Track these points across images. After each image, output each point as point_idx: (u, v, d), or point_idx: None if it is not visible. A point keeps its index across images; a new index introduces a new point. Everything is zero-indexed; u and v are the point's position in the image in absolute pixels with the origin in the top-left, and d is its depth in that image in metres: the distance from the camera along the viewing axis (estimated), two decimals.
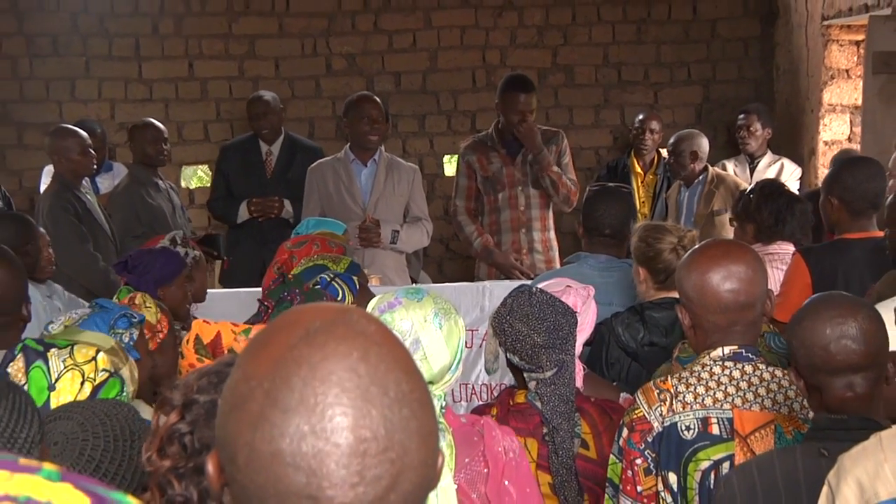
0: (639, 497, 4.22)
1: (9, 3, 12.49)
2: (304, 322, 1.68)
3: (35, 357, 3.76)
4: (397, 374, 1.66)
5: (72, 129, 9.47)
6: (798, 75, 12.41)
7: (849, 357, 3.56)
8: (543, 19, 12.90)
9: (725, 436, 4.14)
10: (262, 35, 12.77)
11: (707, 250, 4.41)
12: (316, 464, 1.58)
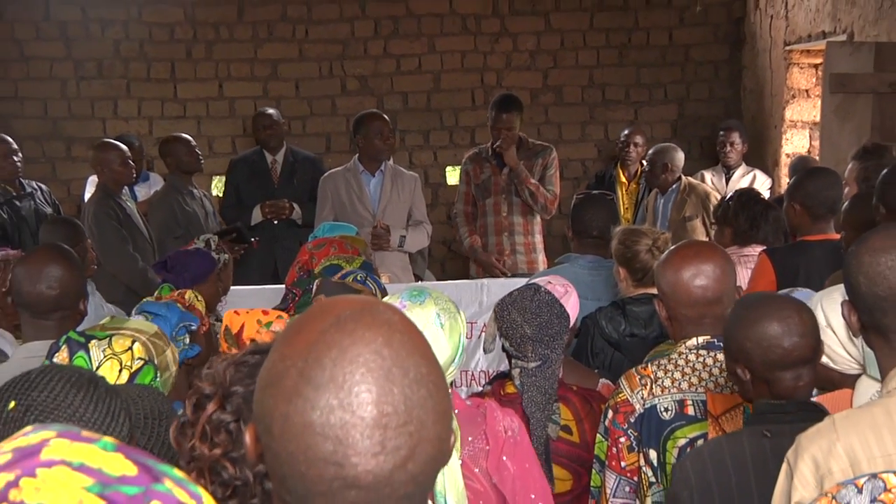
0: (623, 471, 4.24)
1: (58, 31, 12.53)
2: (335, 311, 1.72)
3: (77, 347, 3.75)
4: (416, 358, 1.69)
5: (113, 143, 9.48)
6: (763, 95, 12.41)
7: (802, 352, 3.56)
8: (535, 45, 12.90)
9: (700, 416, 4.15)
10: (283, 59, 12.78)
11: (680, 251, 4.43)
12: (343, 434, 1.61)
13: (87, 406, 2.58)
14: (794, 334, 3.54)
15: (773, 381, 3.57)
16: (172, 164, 9.94)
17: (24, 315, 4.72)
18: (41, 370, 2.66)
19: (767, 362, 3.55)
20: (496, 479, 3.67)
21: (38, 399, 2.56)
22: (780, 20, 12.11)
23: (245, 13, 12.74)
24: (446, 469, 3.42)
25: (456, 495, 3.48)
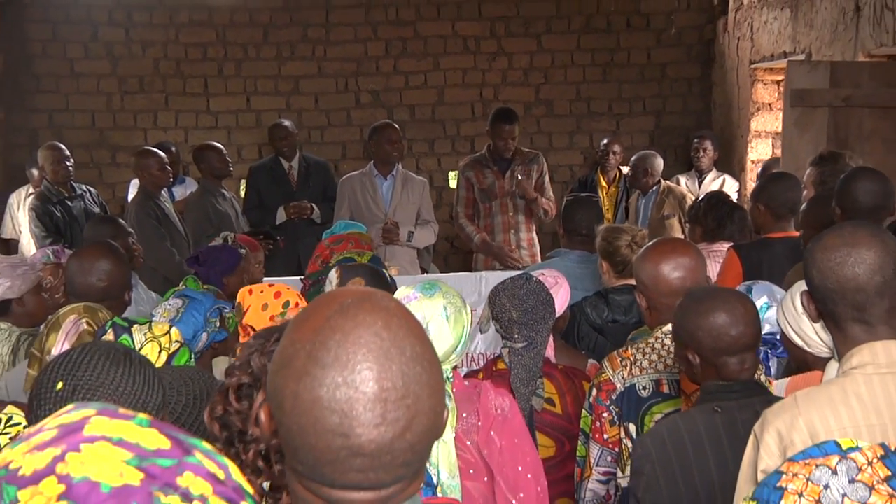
0: (605, 443, 4.24)
1: (105, 51, 12.53)
2: (339, 299, 1.74)
3: (122, 331, 3.76)
4: (412, 339, 1.72)
5: (153, 151, 9.49)
6: (731, 108, 12.40)
7: (747, 340, 3.61)
8: (528, 63, 12.89)
9: (674, 394, 4.17)
10: (304, 76, 12.77)
11: (658, 246, 4.46)
12: (347, 408, 1.64)
13: (127, 380, 2.58)
14: (740, 324, 3.58)
15: (720, 365, 3.60)
16: (206, 169, 9.94)
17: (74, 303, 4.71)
18: (80, 350, 2.65)
19: (716, 349, 3.58)
20: (485, 451, 3.66)
21: (83, 378, 2.55)
22: (746, 41, 12.10)
23: (270, 35, 12.74)
24: (440, 442, 3.45)
25: (448, 466, 3.51)
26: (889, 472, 2.06)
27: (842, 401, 2.82)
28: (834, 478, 2.07)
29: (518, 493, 3.66)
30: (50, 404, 2.52)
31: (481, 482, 3.63)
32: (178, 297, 4.66)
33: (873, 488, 2.05)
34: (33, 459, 1.16)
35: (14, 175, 11.86)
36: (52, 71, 12.57)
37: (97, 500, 1.13)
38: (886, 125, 8.87)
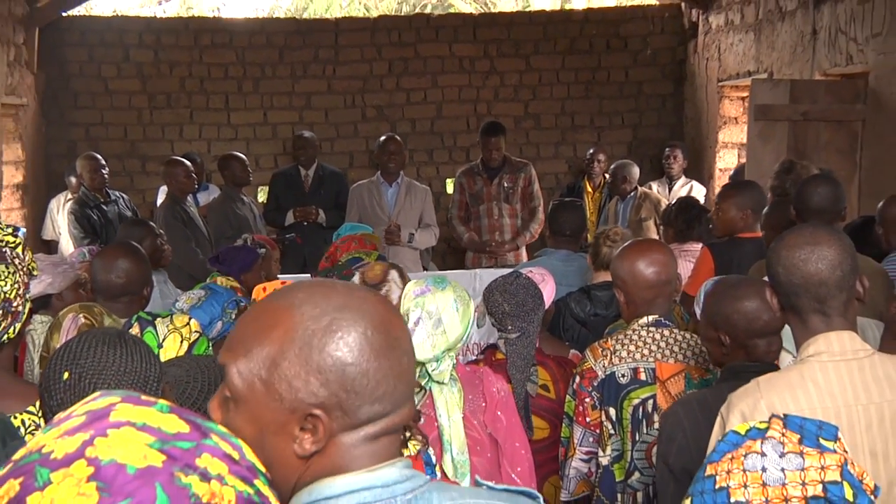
0: (588, 425, 4.24)
1: (136, 71, 12.54)
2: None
3: (146, 324, 3.75)
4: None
5: (179, 160, 9.49)
6: (700, 121, 12.41)
7: (777, 324, 3.60)
8: (518, 81, 12.90)
9: (650, 381, 4.16)
10: (315, 92, 12.77)
11: (634, 246, 4.49)
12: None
13: (127, 360, 2.56)
14: (770, 309, 3.55)
15: (751, 347, 3.62)
16: (228, 177, 9.96)
17: (98, 298, 4.76)
18: (78, 340, 2.63)
19: (750, 331, 3.60)
20: (491, 429, 3.71)
21: (86, 365, 2.53)
22: (714, 61, 12.10)
23: (285, 56, 12.74)
24: (452, 423, 3.47)
25: (459, 444, 3.54)
26: (798, 435, 2.06)
27: (800, 385, 2.83)
28: (765, 459, 2.06)
29: (516, 468, 3.71)
30: (60, 393, 2.51)
31: (485, 458, 3.67)
32: (203, 288, 4.68)
33: (802, 453, 2.05)
34: (64, 444, 1.16)
35: (54, 182, 11.92)
36: (89, 89, 12.58)
37: (124, 480, 1.13)
38: (840, 137, 8.89)
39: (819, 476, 2.03)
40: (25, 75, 11.53)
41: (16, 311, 3.28)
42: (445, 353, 3.58)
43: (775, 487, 2.04)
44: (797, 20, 10.10)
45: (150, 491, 1.14)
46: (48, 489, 1.13)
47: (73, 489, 1.13)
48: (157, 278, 6.66)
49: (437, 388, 3.58)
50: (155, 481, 1.15)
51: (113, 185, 10.15)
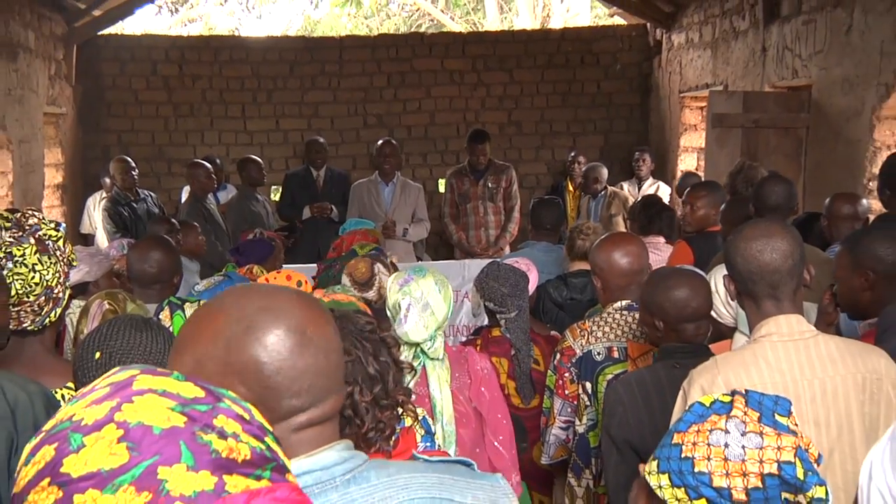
0: (566, 397, 4.26)
1: (162, 83, 12.53)
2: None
3: (176, 308, 3.75)
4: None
5: (201, 163, 9.51)
6: (664, 128, 12.42)
7: (704, 309, 3.67)
8: (503, 92, 12.89)
9: (622, 359, 4.18)
10: (322, 102, 12.76)
11: (611, 238, 4.54)
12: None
13: (151, 342, 2.56)
14: (699, 297, 3.64)
15: (681, 330, 3.65)
16: (245, 177, 9.99)
17: (134, 285, 4.79)
18: (109, 324, 2.63)
19: (680, 316, 3.62)
20: (476, 403, 3.72)
21: (115, 346, 2.54)
22: (676, 75, 12.11)
23: (295, 70, 12.72)
24: (444, 396, 3.48)
25: (448, 415, 3.56)
26: (758, 413, 2.07)
27: (752, 363, 2.85)
28: (728, 436, 2.07)
29: (498, 436, 3.72)
30: (92, 371, 2.50)
31: (470, 429, 3.68)
32: (221, 275, 4.69)
33: (762, 433, 2.06)
34: (93, 411, 1.17)
35: (90, 182, 11.92)
36: (120, 99, 12.56)
37: (151, 440, 1.14)
38: (787, 142, 8.91)
39: (775, 455, 2.04)
40: (65, 87, 11.53)
41: (57, 297, 3.27)
42: (437, 332, 3.60)
43: (735, 462, 2.04)
44: (749, 39, 10.11)
45: (175, 448, 1.15)
46: (82, 451, 1.14)
47: (105, 449, 1.14)
48: (191, 268, 6.73)
49: (431, 364, 3.59)
50: (179, 439, 1.16)
51: (142, 185, 10.13)
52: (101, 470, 1.13)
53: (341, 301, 3.63)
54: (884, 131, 7.78)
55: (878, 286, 3.63)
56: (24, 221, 3.29)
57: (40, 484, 1.14)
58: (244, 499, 1.15)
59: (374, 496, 1.57)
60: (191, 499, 1.12)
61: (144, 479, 1.12)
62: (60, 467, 1.14)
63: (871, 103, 7.80)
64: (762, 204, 5.36)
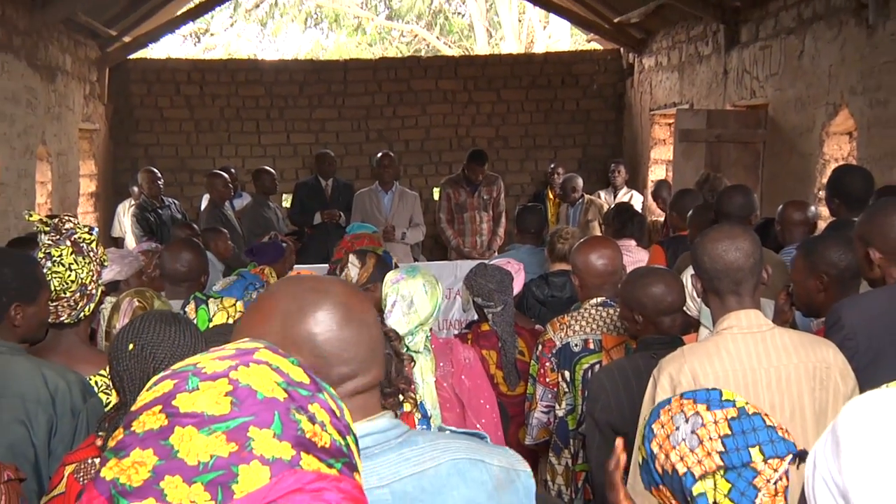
0: (547, 384, 4.25)
1: (185, 102, 12.52)
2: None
3: (201, 303, 3.77)
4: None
5: (219, 173, 9.50)
6: (636, 142, 12.44)
7: (678, 304, 3.69)
8: (491, 110, 12.88)
9: (597, 350, 4.18)
10: (329, 119, 12.74)
11: (589, 242, 4.53)
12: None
13: (178, 336, 2.53)
14: (673, 292, 3.66)
15: (658, 322, 3.66)
16: (259, 186, 9.96)
17: (166, 283, 4.82)
18: (141, 319, 2.61)
19: (657, 310, 3.64)
20: (458, 389, 3.71)
21: (147, 338, 2.51)
22: (647, 95, 12.13)
23: (304, 90, 12.70)
24: (426, 385, 3.49)
25: (431, 400, 3.54)
26: (728, 431, 2.03)
27: (715, 353, 2.85)
28: (683, 430, 2.05)
29: (481, 419, 3.71)
30: (125, 361, 2.48)
31: (454, 413, 3.66)
32: (236, 275, 4.71)
33: (703, 444, 2.01)
34: (214, 364, 1.21)
35: (120, 191, 11.92)
36: (147, 117, 12.55)
37: (252, 402, 1.17)
38: (746, 155, 8.93)
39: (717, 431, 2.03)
40: (98, 106, 11.53)
41: (91, 294, 3.28)
42: (418, 328, 3.55)
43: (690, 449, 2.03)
44: (712, 62, 10.14)
45: (269, 415, 1.17)
46: (195, 393, 1.17)
47: (213, 398, 1.17)
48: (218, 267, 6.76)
49: (414, 356, 3.58)
50: (275, 410, 1.18)
51: (166, 194, 10.12)
52: (205, 413, 1.16)
53: None
54: (832, 146, 7.81)
55: (831, 288, 3.63)
56: (61, 226, 3.30)
57: (153, 409, 1.18)
58: (312, 478, 1.16)
59: (424, 456, 1.66)
60: (268, 461, 1.14)
61: (236, 432, 1.15)
62: (173, 400, 1.17)
63: (821, 121, 7.83)
64: (724, 211, 5.38)
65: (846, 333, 3.16)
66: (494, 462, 1.75)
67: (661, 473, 1.99)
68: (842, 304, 3.34)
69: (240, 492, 1.12)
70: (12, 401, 2.85)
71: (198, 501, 1.11)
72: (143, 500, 1.12)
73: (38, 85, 9.19)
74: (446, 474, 1.68)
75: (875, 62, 7.05)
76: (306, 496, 1.15)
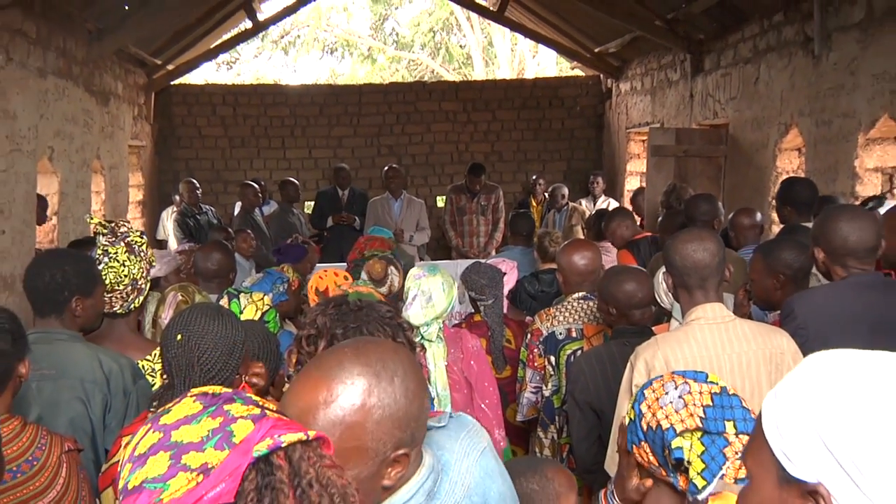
0: (536, 368, 4.25)
1: (220, 122, 12.53)
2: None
3: (233, 297, 3.75)
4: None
5: (249, 184, 9.50)
6: (615, 157, 12.43)
7: (648, 299, 3.69)
8: (487, 128, 12.88)
9: (579, 337, 4.17)
10: (345, 136, 12.73)
11: (572, 244, 4.50)
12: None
13: (221, 328, 2.50)
14: (643, 289, 3.66)
15: (629, 315, 3.66)
16: (285, 195, 9.94)
17: (199, 279, 4.82)
18: (188, 311, 2.57)
19: (629, 304, 3.64)
20: (466, 373, 3.70)
21: (193, 329, 2.47)
22: (623, 115, 12.13)
23: (323, 111, 12.70)
24: (437, 369, 3.48)
25: (442, 383, 3.53)
26: (710, 402, 2.01)
27: (685, 341, 2.85)
28: (672, 394, 2.05)
29: (485, 400, 3.70)
30: (174, 349, 2.45)
31: (462, 394, 3.65)
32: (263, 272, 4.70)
33: (687, 406, 2.01)
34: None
35: (163, 199, 11.92)
36: (187, 134, 12.56)
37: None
38: (709, 168, 8.93)
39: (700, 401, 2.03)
40: (144, 125, 11.53)
41: (140, 288, 3.29)
42: (434, 321, 3.57)
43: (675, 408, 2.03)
44: (680, 87, 10.14)
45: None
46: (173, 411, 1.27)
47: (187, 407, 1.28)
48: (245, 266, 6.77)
49: (427, 344, 3.58)
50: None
51: (204, 201, 10.12)
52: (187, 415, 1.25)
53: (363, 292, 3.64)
54: (784, 160, 7.81)
55: (786, 286, 3.64)
56: (117, 229, 3.32)
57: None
58: (276, 418, 1.26)
59: (464, 474, 1.67)
60: (250, 417, 1.24)
61: (216, 414, 1.24)
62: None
63: (774, 138, 7.83)
64: (692, 216, 5.38)
65: (798, 323, 3.17)
66: (484, 442, 1.75)
67: (644, 431, 1.99)
68: (794, 298, 3.35)
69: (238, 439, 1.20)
70: (72, 381, 2.86)
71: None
72: (178, 475, 1.16)
73: (93, 108, 9.20)
74: (480, 479, 1.68)
75: (820, 88, 7.06)
76: (281, 426, 1.23)
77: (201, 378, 2.38)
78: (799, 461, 1.05)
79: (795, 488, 1.06)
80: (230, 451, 1.17)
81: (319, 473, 1.20)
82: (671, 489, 2.01)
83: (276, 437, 1.20)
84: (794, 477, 1.05)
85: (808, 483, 1.04)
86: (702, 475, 1.91)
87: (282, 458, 1.19)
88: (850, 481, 1.00)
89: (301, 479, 1.19)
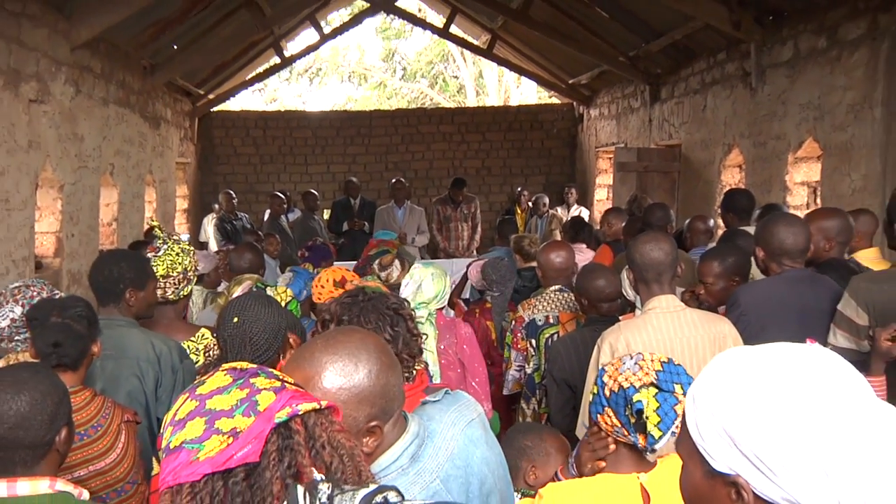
0: (519, 349, 4.23)
1: (252, 142, 12.52)
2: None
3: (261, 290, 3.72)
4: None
5: (277, 194, 9.51)
6: (586, 172, 12.43)
7: (616, 293, 3.68)
8: (478, 147, 12.87)
9: (555, 323, 4.15)
10: (358, 154, 12.72)
11: (549, 245, 4.47)
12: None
13: (270, 312, 2.48)
14: (612, 285, 3.66)
15: (599, 306, 3.67)
16: (306, 204, 9.90)
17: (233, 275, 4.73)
18: (245, 297, 2.57)
19: (599, 297, 3.64)
20: (460, 355, 3.67)
21: (247, 313, 2.45)
22: (593, 136, 12.14)
23: (340, 132, 12.69)
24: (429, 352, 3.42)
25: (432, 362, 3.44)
26: (661, 368, 2.00)
27: (643, 327, 2.85)
28: (629, 363, 2.02)
29: (475, 378, 3.68)
30: (230, 330, 2.44)
31: (456, 373, 3.63)
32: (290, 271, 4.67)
33: (642, 368, 2.01)
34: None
35: (205, 208, 11.84)
36: (225, 153, 12.55)
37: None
38: (666, 182, 8.94)
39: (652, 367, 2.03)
40: (189, 145, 11.54)
41: (189, 279, 3.30)
42: (422, 305, 3.47)
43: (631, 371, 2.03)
44: (640, 113, 10.15)
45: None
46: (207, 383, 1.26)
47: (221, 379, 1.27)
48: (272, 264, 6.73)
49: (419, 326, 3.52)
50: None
51: (239, 209, 10.11)
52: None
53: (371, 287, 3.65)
54: (727, 175, 7.84)
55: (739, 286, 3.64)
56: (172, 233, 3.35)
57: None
58: (295, 390, 1.26)
59: (448, 441, 1.64)
60: (272, 389, 1.24)
61: (243, 387, 1.24)
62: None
63: (719, 157, 7.85)
64: (649, 221, 5.39)
65: (741, 311, 3.17)
66: (474, 414, 1.72)
67: (608, 397, 1.98)
68: (739, 289, 3.36)
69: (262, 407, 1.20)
70: (129, 361, 2.87)
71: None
72: (211, 437, 1.17)
73: (147, 131, 9.21)
74: (464, 445, 1.65)
75: (757, 115, 7.10)
76: (298, 396, 1.23)
77: (251, 355, 2.36)
78: (718, 457, 1.02)
79: (720, 479, 1.03)
80: (256, 418, 1.18)
81: (331, 437, 1.21)
82: (630, 451, 2.02)
83: (294, 405, 1.20)
84: (717, 470, 1.03)
85: (728, 475, 1.01)
86: (658, 427, 1.91)
87: (299, 424, 1.20)
88: (758, 472, 0.98)
89: (315, 442, 1.20)
